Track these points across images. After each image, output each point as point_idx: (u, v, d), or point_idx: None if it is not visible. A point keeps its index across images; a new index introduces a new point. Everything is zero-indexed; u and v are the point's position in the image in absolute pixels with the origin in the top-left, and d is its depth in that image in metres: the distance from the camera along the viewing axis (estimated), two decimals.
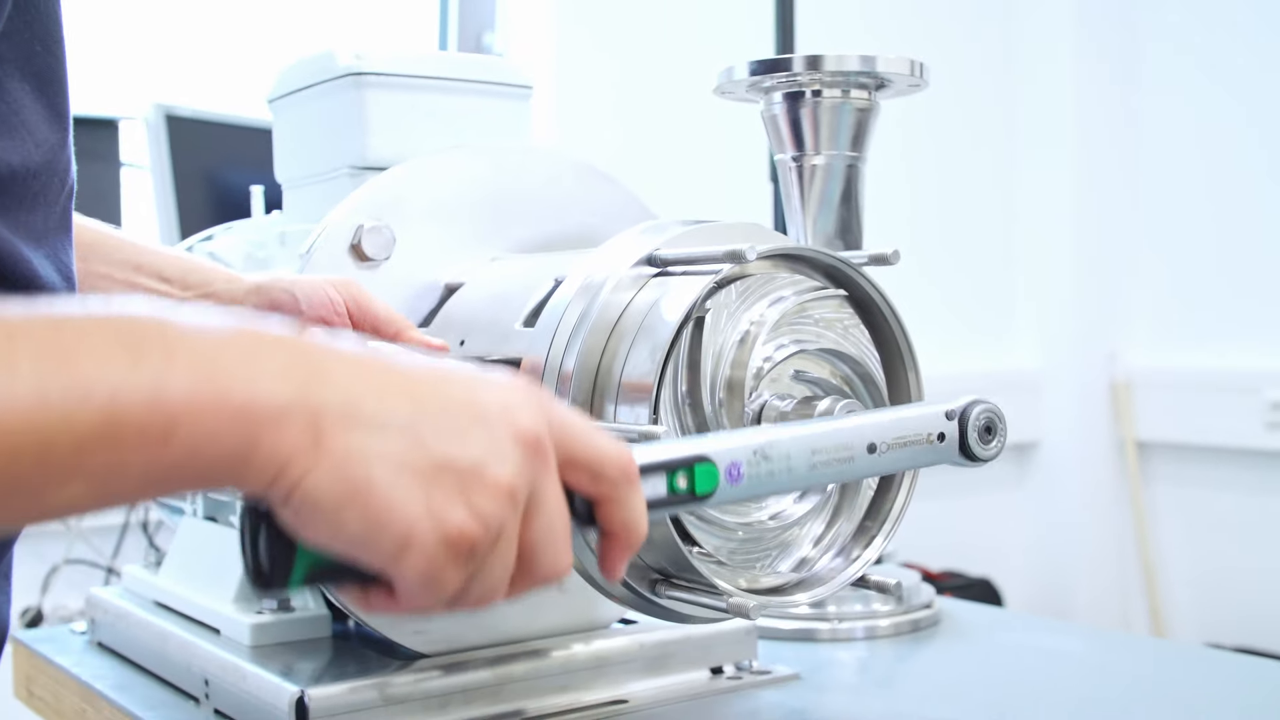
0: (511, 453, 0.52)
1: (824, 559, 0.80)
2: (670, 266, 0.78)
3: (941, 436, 0.71)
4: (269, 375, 0.49)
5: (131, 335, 0.47)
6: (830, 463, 0.67)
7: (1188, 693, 1.05)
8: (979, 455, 0.70)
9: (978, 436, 0.70)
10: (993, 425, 0.71)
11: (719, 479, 0.63)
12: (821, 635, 1.19)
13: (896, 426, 0.70)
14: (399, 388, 0.51)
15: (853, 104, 0.90)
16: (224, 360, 0.48)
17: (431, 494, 0.50)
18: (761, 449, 0.65)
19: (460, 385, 0.53)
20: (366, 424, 0.50)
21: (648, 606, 0.80)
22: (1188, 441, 3.02)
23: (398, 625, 0.94)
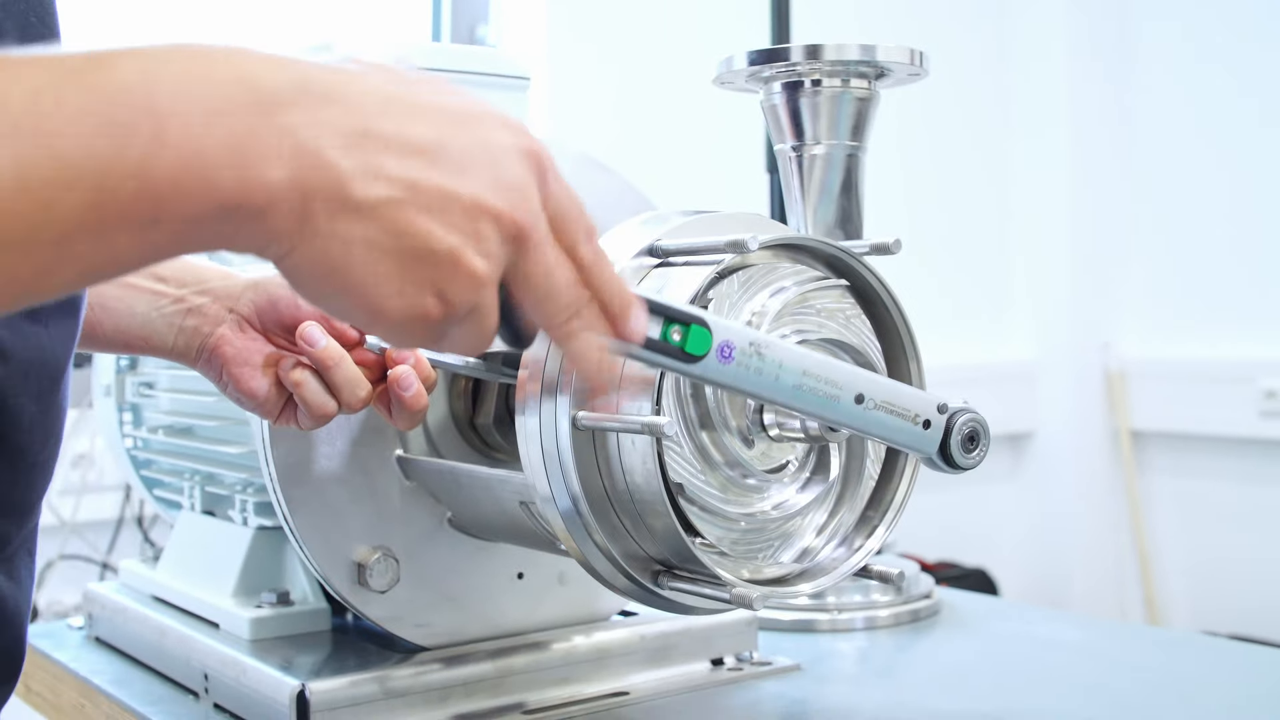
0: (494, 245, 0.53)
1: (826, 549, 0.80)
2: (672, 257, 0.77)
3: (927, 424, 0.71)
4: (259, 158, 0.48)
5: (118, 108, 0.46)
6: (815, 391, 0.67)
7: (1185, 680, 1.05)
8: (958, 462, 0.70)
9: (960, 443, 0.70)
10: (976, 435, 0.71)
11: (710, 348, 0.64)
12: (821, 626, 1.19)
13: (889, 392, 0.70)
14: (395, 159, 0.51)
15: (853, 93, 0.90)
16: (213, 139, 0.47)
17: (405, 279, 0.52)
18: (758, 344, 0.65)
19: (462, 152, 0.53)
20: (353, 209, 0.50)
21: (650, 598, 0.80)
22: (1182, 431, 3.02)
23: (397, 619, 0.94)
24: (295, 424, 0.84)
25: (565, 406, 0.75)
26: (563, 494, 0.76)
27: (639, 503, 0.75)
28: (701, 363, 0.64)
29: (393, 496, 0.94)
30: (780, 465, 0.77)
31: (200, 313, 0.84)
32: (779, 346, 0.66)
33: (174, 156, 0.46)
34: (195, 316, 0.84)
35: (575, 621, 1.01)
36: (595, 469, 0.76)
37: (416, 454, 0.95)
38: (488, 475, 0.88)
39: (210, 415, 1.11)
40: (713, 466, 0.75)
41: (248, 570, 1.05)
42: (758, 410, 0.76)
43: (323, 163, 0.49)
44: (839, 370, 0.69)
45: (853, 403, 0.69)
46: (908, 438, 0.71)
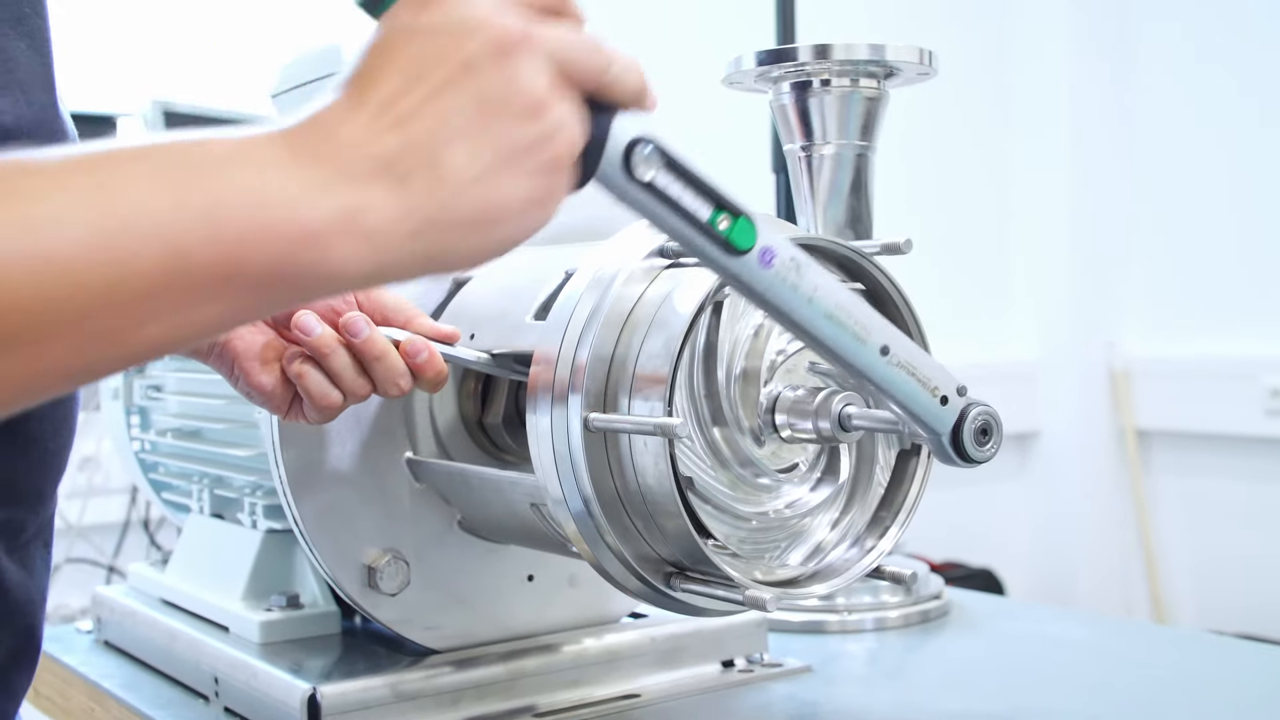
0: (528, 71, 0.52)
1: (838, 550, 0.80)
2: (682, 258, 0.77)
3: (944, 400, 0.69)
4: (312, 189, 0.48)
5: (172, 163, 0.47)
6: (844, 327, 0.65)
7: (1192, 678, 1.05)
8: (971, 454, 0.69)
9: (973, 435, 0.69)
10: (989, 429, 0.70)
11: (754, 245, 0.62)
12: (831, 627, 1.19)
13: (914, 355, 0.68)
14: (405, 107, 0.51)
15: (862, 93, 0.90)
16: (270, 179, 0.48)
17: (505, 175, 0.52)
18: (799, 261, 0.63)
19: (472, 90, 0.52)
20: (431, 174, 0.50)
21: (662, 600, 0.80)
22: (1187, 429, 3.02)
23: (408, 622, 0.94)
24: (304, 418, 0.84)
25: (577, 407, 0.75)
26: (574, 496, 0.76)
27: (651, 504, 0.75)
28: (742, 259, 0.62)
29: (403, 499, 0.94)
30: (790, 466, 0.77)
31: None
32: (818, 271, 0.65)
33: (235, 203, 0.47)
34: None
35: (586, 624, 1.01)
36: (607, 470, 0.76)
37: (426, 456, 0.94)
38: (498, 477, 0.88)
39: (219, 418, 1.11)
40: (723, 464, 0.75)
41: (257, 573, 1.05)
42: (769, 410, 0.76)
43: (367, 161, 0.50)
44: (871, 316, 0.67)
45: (877, 352, 0.67)
46: (923, 408, 0.69)
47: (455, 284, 0.95)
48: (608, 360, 0.76)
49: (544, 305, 0.85)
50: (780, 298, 0.63)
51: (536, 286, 0.87)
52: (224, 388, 1.08)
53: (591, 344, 0.75)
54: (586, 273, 0.78)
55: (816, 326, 0.65)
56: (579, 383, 0.75)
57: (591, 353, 0.75)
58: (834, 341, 0.66)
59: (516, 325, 0.86)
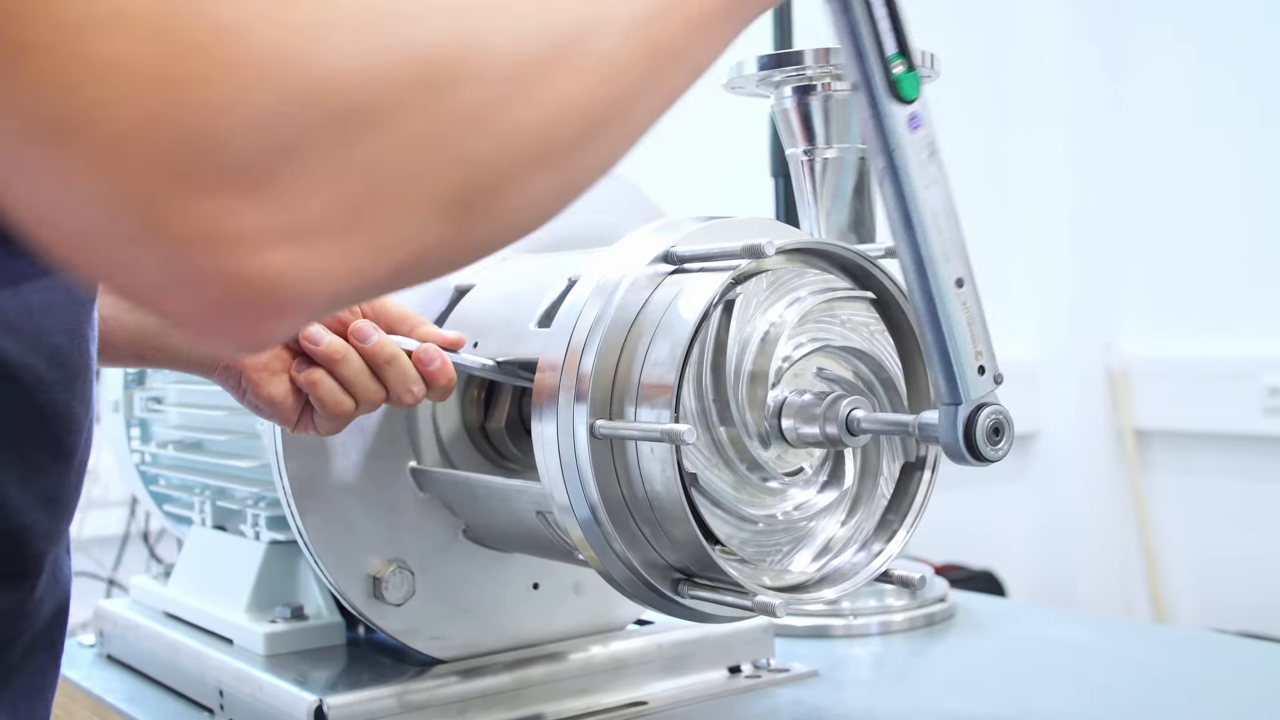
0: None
1: (846, 554, 0.79)
2: (687, 264, 0.77)
3: (981, 370, 0.68)
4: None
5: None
6: (941, 233, 0.65)
7: (1195, 679, 1.05)
8: (983, 451, 0.69)
9: (985, 433, 0.69)
10: (1001, 428, 0.69)
11: (915, 98, 0.63)
12: (836, 631, 1.18)
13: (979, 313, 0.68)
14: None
15: None
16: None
17: None
18: (934, 148, 0.64)
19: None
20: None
21: (670, 607, 0.79)
22: (1186, 429, 3.02)
23: (413, 632, 0.94)
24: (313, 429, 0.83)
25: (583, 415, 0.74)
26: (581, 503, 0.76)
27: (658, 510, 0.74)
28: (897, 108, 0.63)
29: (407, 508, 0.94)
30: (796, 470, 0.77)
31: None
32: (944, 171, 0.65)
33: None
34: None
35: (592, 631, 1.00)
36: (614, 477, 0.75)
37: (430, 465, 0.94)
38: (504, 486, 0.87)
39: (220, 430, 1.11)
40: (729, 464, 0.74)
41: (261, 585, 1.04)
42: (776, 414, 0.75)
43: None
44: (963, 243, 0.66)
45: (953, 279, 0.66)
46: (959, 365, 0.68)
47: (458, 291, 0.95)
48: (613, 366, 0.75)
49: (547, 312, 0.84)
50: (909, 168, 0.64)
51: (540, 293, 0.86)
52: (225, 399, 1.07)
53: (597, 350, 0.75)
54: (590, 279, 0.78)
55: (921, 216, 0.64)
56: (585, 389, 0.74)
57: (597, 359, 0.75)
58: (926, 241, 0.65)
59: (520, 332, 0.85)
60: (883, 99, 0.63)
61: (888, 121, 0.63)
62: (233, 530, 1.11)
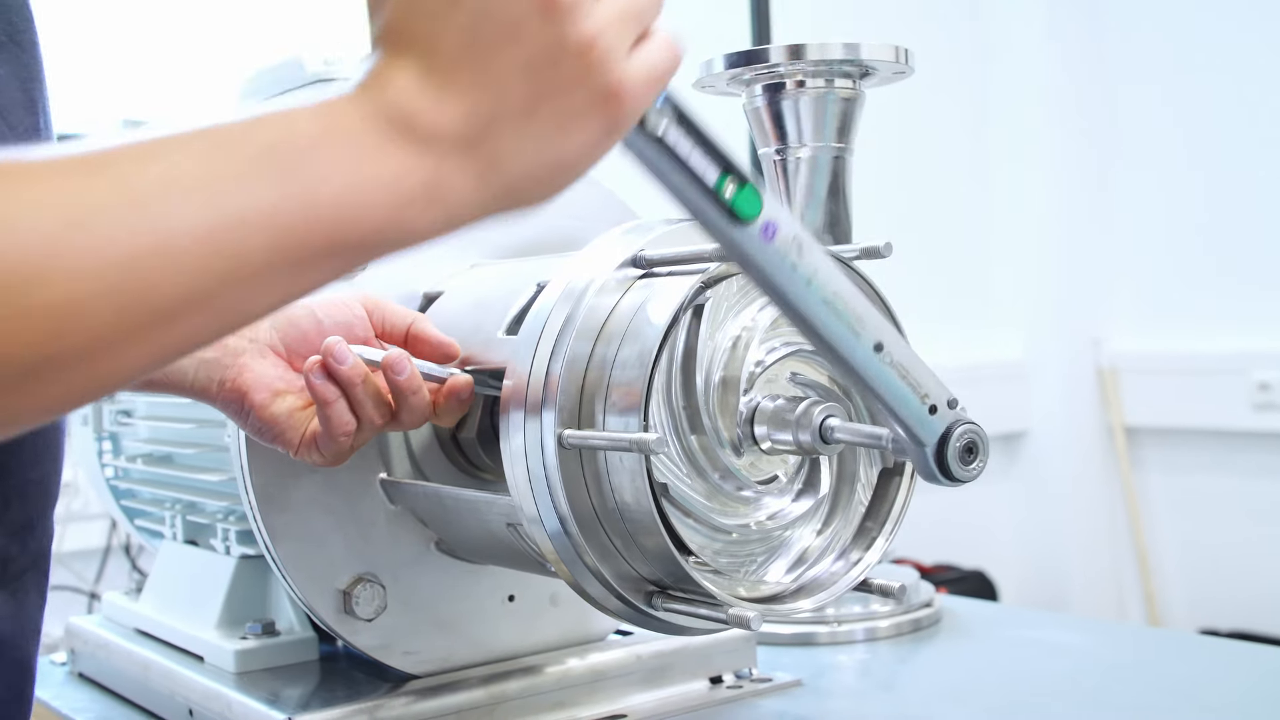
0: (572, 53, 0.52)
1: (823, 563, 0.77)
2: (656, 268, 0.75)
3: (933, 409, 0.67)
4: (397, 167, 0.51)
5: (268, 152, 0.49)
6: (840, 316, 0.63)
7: (1187, 682, 1.03)
8: (955, 473, 0.67)
9: (958, 453, 0.67)
10: (974, 447, 0.67)
11: (758, 215, 0.60)
12: (821, 639, 1.16)
13: (911, 360, 0.66)
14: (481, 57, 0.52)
15: (837, 93, 0.88)
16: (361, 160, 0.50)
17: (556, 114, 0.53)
18: (801, 240, 0.61)
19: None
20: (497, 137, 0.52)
21: (644, 620, 0.77)
22: (1176, 425, 3.01)
23: (386, 647, 0.92)
24: (316, 454, 0.82)
25: (551, 424, 0.72)
26: (550, 515, 0.74)
27: (629, 521, 0.72)
28: (744, 229, 0.59)
29: (377, 521, 0.92)
30: (770, 478, 0.75)
31: (220, 344, 0.83)
32: (820, 254, 0.62)
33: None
34: (215, 348, 0.83)
35: (569, 643, 0.98)
36: (583, 488, 0.73)
37: (400, 477, 0.92)
38: (473, 498, 0.85)
39: (189, 443, 1.09)
40: (701, 473, 0.73)
41: (231, 601, 1.02)
42: (748, 421, 0.73)
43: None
44: (868, 310, 0.64)
45: (871, 348, 0.64)
46: (911, 414, 0.66)
47: (426, 299, 0.93)
48: (581, 374, 0.73)
49: (516, 319, 0.82)
50: (779, 275, 0.61)
51: (508, 299, 0.85)
52: (194, 411, 1.06)
53: (564, 358, 0.73)
54: (558, 285, 0.76)
55: (812, 311, 0.63)
56: (552, 398, 0.72)
57: (565, 367, 0.73)
58: (828, 330, 0.63)
59: (489, 340, 0.83)
60: (728, 229, 0.60)
61: (744, 246, 0.60)
62: (204, 545, 1.09)
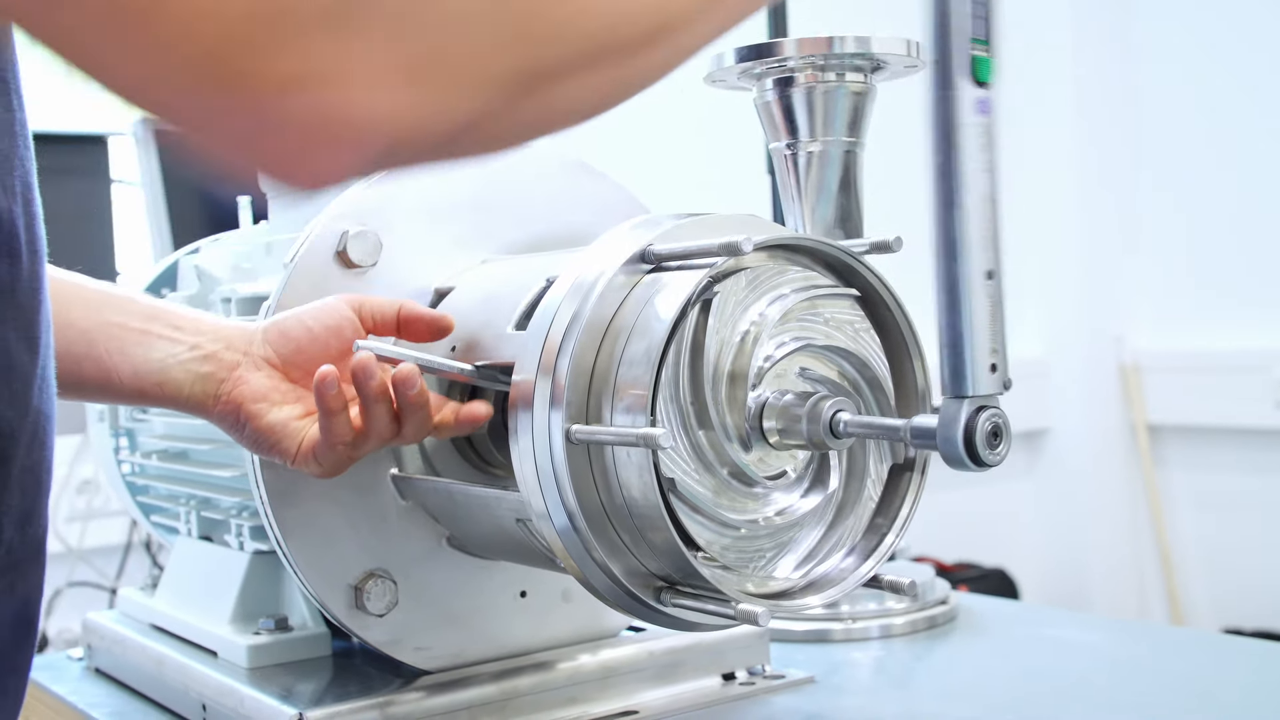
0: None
1: (833, 559, 0.77)
2: (665, 262, 0.75)
3: (994, 368, 0.66)
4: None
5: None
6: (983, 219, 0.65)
7: (1208, 683, 1.02)
8: (983, 457, 0.66)
9: (985, 438, 0.66)
10: (999, 431, 0.67)
11: (988, 79, 0.63)
12: (836, 636, 1.16)
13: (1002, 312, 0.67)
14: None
15: (848, 87, 0.87)
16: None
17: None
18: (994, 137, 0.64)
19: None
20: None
21: (653, 615, 0.77)
22: (1199, 424, 2.98)
23: (397, 642, 0.92)
24: (313, 464, 0.83)
25: (559, 420, 0.72)
26: (559, 510, 0.74)
27: (637, 517, 0.72)
28: (970, 91, 0.62)
29: (389, 517, 0.92)
30: (779, 473, 0.75)
31: (216, 359, 0.85)
32: (997, 162, 0.64)
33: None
34: (211, 363, 0.85)
35: (582, 639, 0.98)
36: (591, 483, 0.73)
37: (412, 472, 0.92)
38: (483, 493, 0.85)
39: (203, 439, 1.09)
40: (709, 469, 0.72)
41: (245, 596, 1.02)
42: (757, 417, 0.73)
43: None
44: (999, 240, 0.66)
45: (985, 270, 0.65)
46: (970, 357, 0.66)
47: (437, 294, 0.93)
48: (589, 369, 0.73)
49: (525, 314, 0.82)
50: (961, 145, 0.63)
51: (518, 295, 0.84)
52: None
53: (572, 353, 0.73)
54: (566, 279, 0.76)
55: (964, 198, 0.64)
56: (560, 394, 0.72)
57: (572, 362, 0.73)
58: (963, 223, 0.64)
59: (499, 335, 0.83)
60: (957, 76, 0.62)
61: (957, 98, 0.63)
62: (218, 540, 1.09)
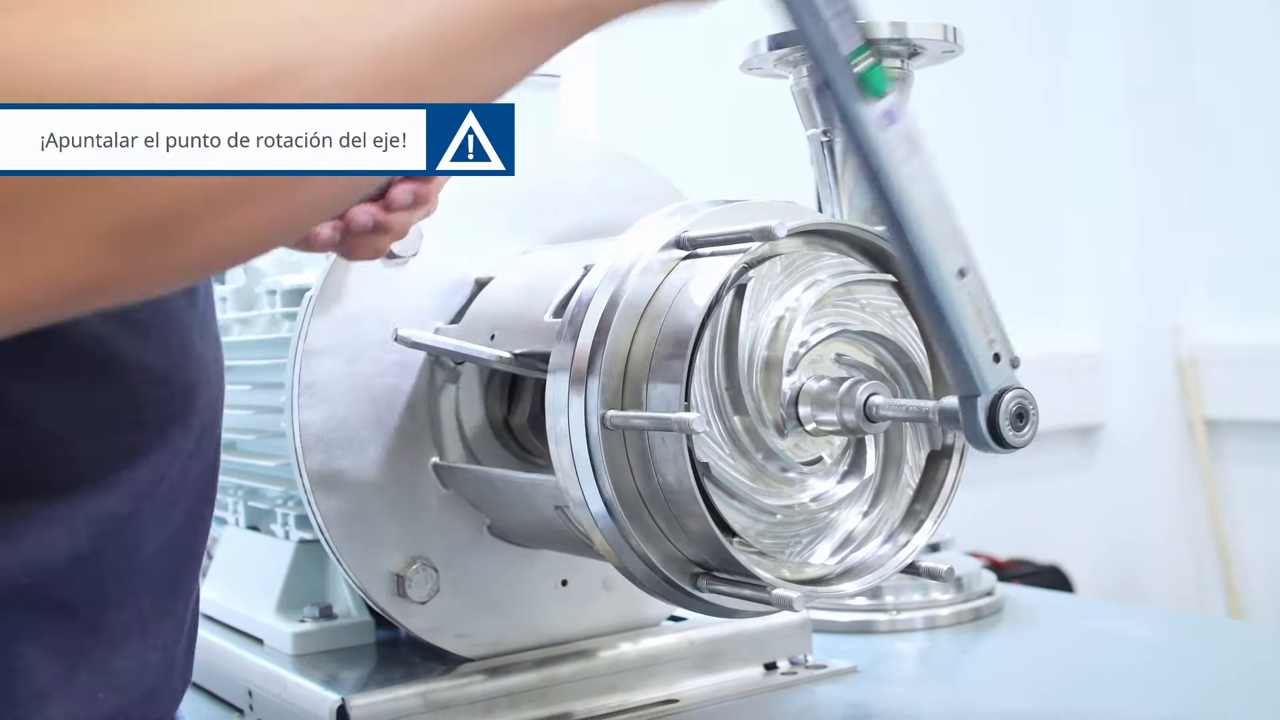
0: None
1: (870, 545, 0.77)
2: (700, 248, 0.75)
3: (997, 358, 0.65)
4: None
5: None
6: (935, 226, 0.62)
7: (1262, 673, 1.01)
8: (1007, 439, 0.65)
9: (1009, 419, 0.65)
10: (1025, 413, 0.65)
11: (884, 94, 0.61)
12: (880, 627, 1.16)
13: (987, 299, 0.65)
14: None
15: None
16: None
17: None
18: (915, 143, 0.62)
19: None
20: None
21: (690, 601, 0.77)
22: (1258, 417, 2.94)
23: (439, 630, 0.92)
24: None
25: (594, 406, 0.72)
26: (595, 497, 0.74)
27: (672, 503, 0.72)
28: (868, 107, 0.60)
29: (430, 505, 0.93)
30: (815, 459, 0.75)
31: None
32: (929, 161, 0.62)
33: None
34: None
35: (623, 628, 0.98)
36: (628, 470, 0.73)
37: (453, 461, 0.93)
38: (521, 480, 0.86)
39: (248, 429, 1.10)
40: (744, 454, 0.72)
41: (290, 585, 1.03)
42: (792, 402, 0.73)
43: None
44: (961, 234, 0.64)
45: (954, 271, 0.63)
46: (972, 356, 0.64)
47: (477, 284, 0.93)
48: (625, 355, 0.73)
49: (562, 302, 0.83)
50: (887, 165, 0.61)
51: (556, 283, 0.85)
52: (254, 398, 1.07)
53: (608, 339, 0.73)
54: (602, 266, 0.76)
55: (909, 211, 0.62)
56: (595, 379, 0.72)
57: (608, 348, 0.73)
58: (918, 237, 0.62)
59: (535, 324, 0.84)
60: (851, 100, 0.60)
61: (860, 122, 0.61)
62: (265, 530, 1.11)
